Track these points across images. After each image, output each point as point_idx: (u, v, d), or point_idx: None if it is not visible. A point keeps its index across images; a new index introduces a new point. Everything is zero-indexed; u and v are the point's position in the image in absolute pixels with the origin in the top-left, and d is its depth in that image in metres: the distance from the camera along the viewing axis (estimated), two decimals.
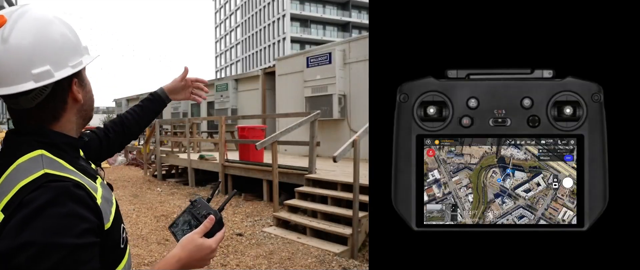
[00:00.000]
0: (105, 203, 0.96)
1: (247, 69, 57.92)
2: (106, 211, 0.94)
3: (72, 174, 0.91)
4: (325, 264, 4.82)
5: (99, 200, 0.92)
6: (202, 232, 1.10)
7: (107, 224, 0.93)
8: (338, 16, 55.24)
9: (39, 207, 0.82)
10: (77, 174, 0.93)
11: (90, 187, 0.92)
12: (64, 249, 0.81)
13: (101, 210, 0.91)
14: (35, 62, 0.91)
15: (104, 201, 0.95)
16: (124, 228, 1.03)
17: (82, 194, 0.88)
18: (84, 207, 0.87)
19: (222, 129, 9.21)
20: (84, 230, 0.85)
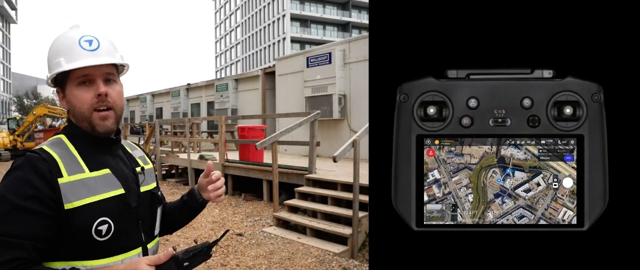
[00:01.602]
0: (80, 187, 1.08)
1: (247, 69, 57.94)
2: (73, 192, 1.07)
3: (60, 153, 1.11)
4: (325, 264, 4.82)
5: (65, 180, 1.07)
6: (152, 261, 1.06)
7: (68, 204, 1.05)
8: (338, 16, 55.24)
9: (11, 169, 1.08)
10: (69, 156, 1.12)
11: (65, 166, 1.09)
12: (7, 204, 1.01)
13: (60, 187, 1.05)
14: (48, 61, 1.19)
15: (80, 185, 1.08)
16: (113, 228, 1.12)
17: (43, 166, 1.06)
18: (39, 177, 1.04)
19: (222, 129, 9.21)
20: (29, 195, 1.02)
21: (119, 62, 1.19)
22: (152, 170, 1.35)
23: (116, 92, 1.18)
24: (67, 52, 1.14)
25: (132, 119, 24.80)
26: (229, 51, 69.35)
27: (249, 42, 61.65)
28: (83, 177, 1.10)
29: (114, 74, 1.20)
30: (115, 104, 1.17)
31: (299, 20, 53.89)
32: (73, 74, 1.14)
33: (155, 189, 1.31)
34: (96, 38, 1.17)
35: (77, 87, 1.15)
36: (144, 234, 1.22)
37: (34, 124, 20.50)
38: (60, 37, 1.19)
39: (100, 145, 1.19)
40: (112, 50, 1.19)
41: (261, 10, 58.26)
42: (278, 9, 54.33)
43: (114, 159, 1.21)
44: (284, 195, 7.55)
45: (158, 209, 1.30)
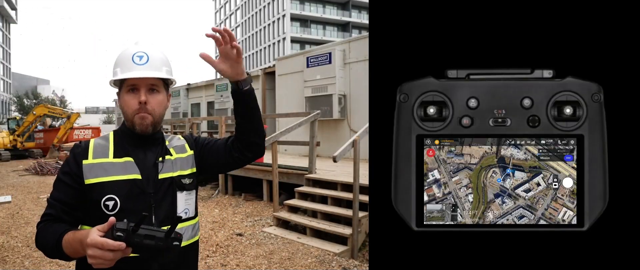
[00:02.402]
0: (99, 169, 1.38)
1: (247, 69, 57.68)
2: (92, 172, 1.37)
3: (97, 142, 1.44)
4: (325, 264, 4.82)
5: (90, 161, 1.39)
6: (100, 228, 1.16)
7: (87, 180, 1.36)
8: (338, 16, 55.21)
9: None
10: (102, 146, 1.43)
11: (94, 151, 1.41)
12: (56, 176, 1.42)
13: (82, 166, 1.38)
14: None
15: (99, 167, 1.38)
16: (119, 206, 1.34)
17: (77, 151, 1.42)
18: (73, 159, 1.41)
19: (222, 129, 9.21)
20: (64, 171, 1.41)
21: (161, 77, 1.42)
22: (185, 159, 1.50)
23: (156, 100, 1.42)
24: (122, 64, 1.42)
25: None
26: None
27: (249, 42, 61.64)
28: (104, 161, 1.39)
29: (158, 85, 1.43)
30: (154, 110, 1.42)
31: (299, 20, 53.88)
32: (125, 82, 1.41)
33: (179, 176, 1.46)
34: (147, 54, 1.42)
35: (126, 94, 1.42)
36: (158, 215, 1.39)
37: (34, 124, 20.49)
38: (123, 50, 1.45)
39: (135, 139, 1.44)
40: (159, 66, 1.43)
41: (261, 10, 58.25)
42: (278, 9, 54.32)
43: (144, 152, 1.44)
44: (284, 195, 7.55)
45: (180, 194, 1.44)
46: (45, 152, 19.59)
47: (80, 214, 1.38)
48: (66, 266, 4.79)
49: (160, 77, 1.43)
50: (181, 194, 1.45)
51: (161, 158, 1.46)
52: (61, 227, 1.32)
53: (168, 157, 1.48)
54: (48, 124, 22.08)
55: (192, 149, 1.56)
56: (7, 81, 69.44)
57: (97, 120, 67.71)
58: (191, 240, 1.49)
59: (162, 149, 1.49)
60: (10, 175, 13.42)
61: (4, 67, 67.61)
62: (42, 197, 9.19)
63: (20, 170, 14.46)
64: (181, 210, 1.45)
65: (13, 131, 20.50)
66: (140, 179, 1.40)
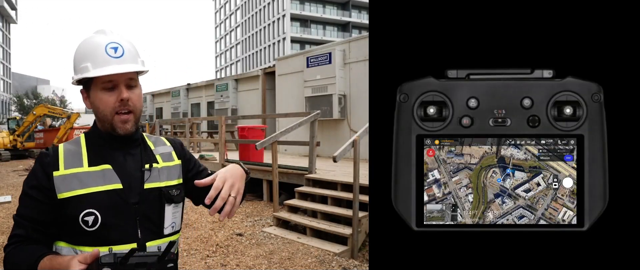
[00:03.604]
0: (73, 180, 1.20)
1: (247, 69, 57.92)
2: (65, 184, 1.20)
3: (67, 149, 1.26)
4: (325, 264, 4.82)
5: (62, 173, 1.21)
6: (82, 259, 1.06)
7: (61, 194, 1.19)
8: (338, 16, 55.21)
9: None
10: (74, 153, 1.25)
11: (65, 159, 1.23)
12: (22, 191, 1.24)
13: (54, 178, 1.20)
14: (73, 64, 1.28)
15: (73, 178, 1.21)
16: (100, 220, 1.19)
17: (46, 161, 1.23)
18: (41, 170, 1.22)
19: (222, 129, 9.21)
20: (31, 185, 1.22)
21: (142, 70, 1.28)
22: (172, 168, 1.36)
23: (136, 96, 1.27)
24: (93, 57, 1.23)
25: None
26: (229, 51, 69.33)
27: (249, 42, 61.64)
28: (78, 171, 1.22)
29: (135, 78, 1.28)
30: (135, 107, 1.27)
31: (299, 20, 53.88)
32: (98, 78, 1.23)
33: (168, 187, 1.31)
34: (121, 45, 1.25)
35: (101, 91, 1.24)
36: (143, 230, 1.25)
37: (34, 124, 20.50)
38: (87, 41, 1.27)
39: (112, 142, 1.28)
40: (135, 57, 1.27)
41: (261, 10, 58.24)
42: (278, 9, 54.31)
43: (124, 156, 1.29)
44: (284, 195, 7.55)
45: (167, 207, 1.29)
46: None
47: (54, 230, 1.22)
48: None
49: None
50: (169, 206, 1.30)
51: (148, 165, 1.30)
52: (36, 250, 1.16)
53: (155, 165, 1.32)
54: (48, 124, 22.09)
55: (180, 159, 1.41)
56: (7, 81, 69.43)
57: None
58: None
59: (147, 154, 1.34)
60: (10, 175, 13.42)
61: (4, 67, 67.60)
62: None
63: (21, 170, 14.46)
64: (168, 224, 1.30)
65: (13, 131, 20.51)
66: (122, 188, 1.24)
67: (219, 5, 72.67)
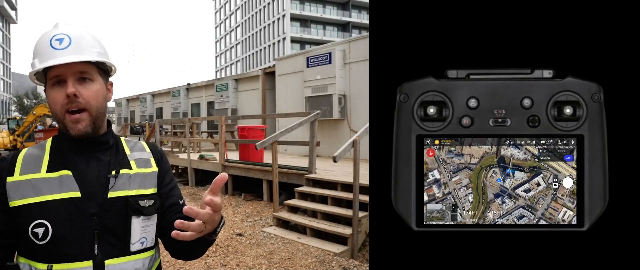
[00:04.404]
0: (27, 187, 1.09)
1: (247, 69, 57.91)
2: (18, 191, 1.09)
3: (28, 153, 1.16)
4: (325, 264, 4.82)
5: (16, 178, 1.11)
6: None
7: (12, 202, 1.09)
8: (338, 16, 55.22)
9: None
10: (34, 158, 1.14)
11: (23, 164, 1.13)
12: None
13: (7, 184, 1.10)
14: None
15: (27, 185, 1.10)
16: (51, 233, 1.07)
17: (2, 166, 1.13)
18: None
19: (222, 129, 9.21)
20: None
21: (89, 60, 1.13)
22: (147, 175, 1.22)
23: (90, 91, 1.13)
24: (40, 52, 1.13)
25: (132, 119, 24.79)
26: (229, 51, 69.33)
27: (249, 42, 61.63)
28: (33, 177, 1.11)
29: (90, 72, 1.14)
30: (89, 104, 1.12)
31: (299, 20, 53.88)
32: (48, 75, 1.13)
33: (138, 196, 1.17)
34: (68, 36, 1.13)
35: (51, 88, 1.13)
36: (102, 245, 1.11)
37: (34, 124, 20.50)
38: (40, 36, 1.17)
39: (75, 145, 1.16)
40: (84, 48, 1.13)
41: (261, 10, 58.24)
42: (278, 9, 54.31)
43: (87, 161, 1.16)
44: (284, 195, 7.55)
45: (135, 219, 1.15)
46: None
47: (11, 241, 1.11)
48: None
49: (91, 62, 1.14)
50: (137, 219, 1.15)
51: (115, 171, 1.16)
52: None
53: (125, 171, 1.18)
54: (48, 124, 22.07)
55: (158, 166, 1.26)
56: (7, 81, 69.42)
57: None
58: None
59: (117, 159, 1.19)
60: None
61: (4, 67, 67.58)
62: None
63: None
64: (136, 239, 1.15)
65: (13, 131, 20.51)
66: (80, 196, 1.10)
67: (219, 5, 72.65)
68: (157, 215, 1.20)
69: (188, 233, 0.99)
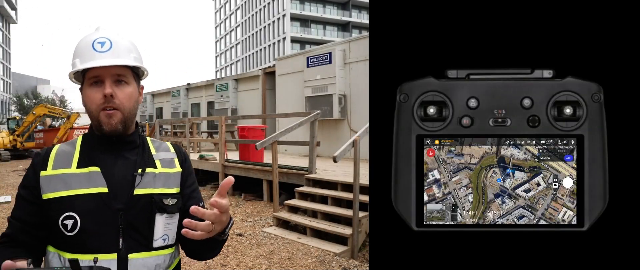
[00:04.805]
0: (58, 181, 1.17)
1: (247, 69, 57.90)
2: (50, 185, 1.17)
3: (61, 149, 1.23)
4: (325, 264, 4.82)
5: (48, 173, 1.18)
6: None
7: (45, 195, 1.17)
8: (338, 16, 55.21)
9: None
10: (66, 153, 1.22)
11: (55, 160, 1.20)
12: (18, 189, 1.24)
13: (41, 178, 1.18)
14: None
15: (58, 179, 1.17)
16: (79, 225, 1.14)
17: (36, 161, 1.22)
18: (32, 170, 1.22)
19: (222, 129, 9.21)
20: (23, 185, 1.22)
21: (127, 64, 1.21)
22: (171, 175, 1.28)
23: (125, 93, 1.21)
24: (82, 53, 1.21)
25: None
26: (229, 51, 69.32)
27: (249, 42, 61.63)
28: (64, 172, 1.19)
29: (126, 75, 1.22)
30: (123, 105, 1.20)
31: (299, 20, 53.88)
32: (87, 75, 1.21)
33: (162, 194, 1.22)
34: (110, 40, 1.21)
35: (89, 87, 1.21)
36: (127, 240, 1.16)
37: (34, 124, 20.50)
38: (82, 38, 1.25)
39: (105, 144, 1.23)
40: (124, 53, 1.22)
41: (261, 10, 58.24)
42: (278, 9, 54.31)
43: (115, 159, 1.22)
44: (284, 195, 7.55)
45: (159, 216, 1.20)
46: None
47: (44, 233, 1.18)
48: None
49: (128, 66, 1.22)
50: (161, 216, 1.20)
51: (141, 170, 1.22)
52: (8, 254, 1.12)
53: (150, 170, 1.24)
54: (48, 124, 22.08)
55: (181, 167, 1.33)
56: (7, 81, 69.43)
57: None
58: (168, 269, 1.25)
59: (144, 158, 1.26)
60: (10, 175, 13.42)
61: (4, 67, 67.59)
62: None
63: (21, 170, 14.46)
64: (159, 236, 1.20)
65: (13, 131, 20.51)
66: (107, 192, 1.17)
67: (219, 5, 72.66)
68: (179, 214, 1.25)
69: (197, 232, 1.04)
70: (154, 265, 1.20)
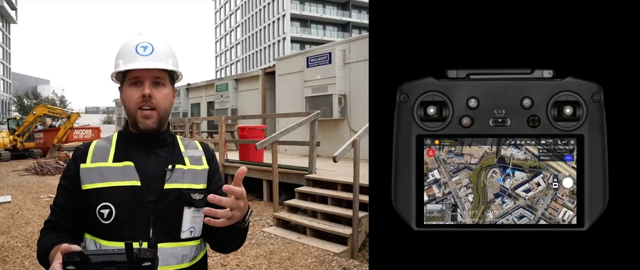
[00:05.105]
0: (96, 173, 1.28)
1: (247, 69, 57.91)
2: (88, 177, 1.28)
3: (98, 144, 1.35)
4: (325, 264, 4.82)
5: (87, 165, 1.29)
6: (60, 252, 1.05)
7: (84, 186, 1.28)
8: (338, 16, 55.21)
9: None
10: (103, 148, 1.33)
11: (93, 154, 1.31)
12: (60, 179, 1.35)
13: (80, 170, 1.29)
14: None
15: (96, 171, 1.28)
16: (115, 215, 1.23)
17: (77, 154, 1.33)
18: (73, 162, 1.33)
19: (222, 129, 9.21)
20: (65, 175, 1.33)
21: (165, 68, 1.32)
22: (198, 172, 1.37)
23: (162, 94, 1.32)
24: (125, 55, 1.32)
25: None
26: (229, 51, 69.33)
27: (249, 42, 61.63)
28: (102, 165, 1.29)
29: (163, 78, 1.33)
30: (159, 105, 1.31)
31: (299, 20, 53.88)
32: (128, 75, 1.31)
33: (190, 189, 1.31)
34: (151, 44, 1.32)
35: (129, 87, 1.31)
36: (156, 230, 1.26)
37: (34, 124, 20.49)
38: (126, 41, 1.36)
39: (138, 141, 1.34)
40: (163, 57, 1.32)
41: (261, 10, 58.24)
42: (278, 9, 54.31)
43: (147, 155, 1.33)
44: (284, 195, 7.55)
45: (186, 210, 1.29)
46: (45, 152, 19.59)
47: (83, 221, 1.29)
48: None
49: (166, 70, 1.33)
50: (188, 210, 1.30)
51: (171, 166, 1.32)
52: (53, 238, 1.22)
53: (179, 166, 1.34)
54: (48, 124, 22.07)
55: (209, 165, 1.42)
56: (7, 81, 69.43)
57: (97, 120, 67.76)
58: (194, 261, 1.33)
59: (173, 155, 1.36)
60: (10, 175, 13.42)
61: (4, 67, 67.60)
62: (42, 197, 9.19)
63: (20, 170, 14.46)
64: (186, 228, 1.30)
65: (13, 131, 20.49)
66: (139, 185, 1.27)
67: (219, 5, 72.67)
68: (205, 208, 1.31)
69: (219, 220, 1.13)
70: (181, 255, 1.29)
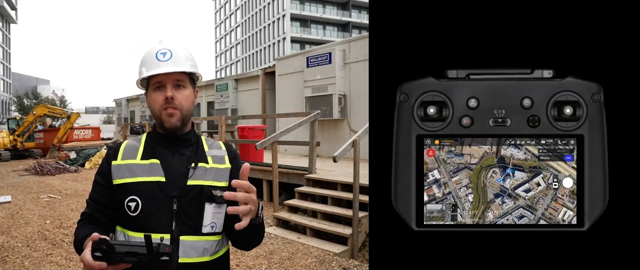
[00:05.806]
0: (125, 170, 1.40)
1: (247, 69, 57.91)
2: (118, 172, 1.40)
3: (129, 144, 1.47)
4: (325, 264, 4.82)
5: (118, 162, 1.41)
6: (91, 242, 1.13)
7: (115, 181, 1.39)
8: (338, 16, 55.20)
9: None
10: (132, 147, 1.45)
11: (124, 152, 1.43)
12: (95, 176, 1.47)
13: (112, 166, 1.41)
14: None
15: (125, 168, 1.40)
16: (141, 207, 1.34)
17: (110, 152, 1.47)
18: (106, 160, 1.45)
19: (222, 129, 9.21)
20: (99, 172, 1.45)
21: (184, 70, 1.42)
22: (220, 170, 1.45)
23: (183, 96, 1.42)
24: (147, 62, 1.43)
25: (132, 119, 24.78)
26: (229, 51, 69.32)
27: (249, 42, 61.63)
28: (131, 162, 1.41)
29: (184, 80, 1.43)
30: (181, 106, 1.41)
31: (299, 20, 53.87)
32: (151, 80, 1.41)
33: (212, 186, 1.39)
34: (170, 50, 1.42)
35: (153, 91, 1.41)
36: (179, 223, 1.35)
37: (34, 124, 20.48)
38: (148, 50, 1.47)
39: (164, 140, 1.45)
40: (182, 61, 1.42)
41: (261, 10, 58.23)
42: (278, 9, 54.31)
43: (172, 154, 1.43)
44: (284, 195, 7.55)
45: (208, 205, 1.37)
46: (45, 152, 19.59)
47: (114, 213, 1.40)
48: (65, 266, 4.79)
49: (185, 72, 1.43)
50: (209, 205, 1.38)
51: (194, 164, 1.41)
52: (88, 229, 1.31)
53: (202, 164, 1.43)
54: (48, 124, 22.07)
55: (231, 164, 1.51)
56: (7, 81, 69.44)
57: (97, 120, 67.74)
58: (215, 255, 1.41)
59: (197, 154, 1.45)
60: (10, 175, 13.41)
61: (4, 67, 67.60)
62: (42, 197, 9.19)
63: (20, 170, 14.46)
64: (207, 223, 1.38)
65: (13, 131, 20.49)
66: (164, 181, 1.37)
67: (219, 5, 72.66)
68: (226, 205, 1.37)
69: (244, 222, 1.20)
70: (202, 249, 1.38)
